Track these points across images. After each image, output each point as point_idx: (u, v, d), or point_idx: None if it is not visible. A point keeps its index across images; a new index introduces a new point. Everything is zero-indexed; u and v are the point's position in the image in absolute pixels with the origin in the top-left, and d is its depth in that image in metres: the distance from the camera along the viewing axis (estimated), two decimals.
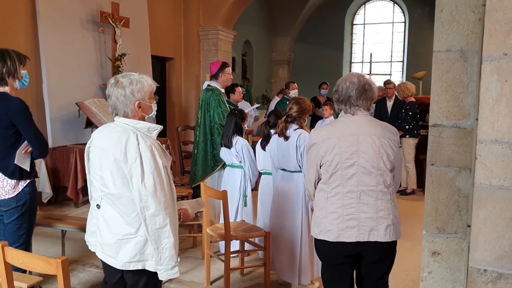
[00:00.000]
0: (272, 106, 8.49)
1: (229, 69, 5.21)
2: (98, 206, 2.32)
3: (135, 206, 2.20)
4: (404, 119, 7.08)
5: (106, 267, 2.42)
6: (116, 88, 2.24)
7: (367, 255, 2.47)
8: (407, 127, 7.06)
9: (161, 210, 2.18)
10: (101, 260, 2.41)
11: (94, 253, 2.45)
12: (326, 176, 2.47)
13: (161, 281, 2.40)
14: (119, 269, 2.35)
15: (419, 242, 2.44)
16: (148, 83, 2.30)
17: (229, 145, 4.34)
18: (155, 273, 2.32)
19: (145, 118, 2.33)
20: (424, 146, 7.36)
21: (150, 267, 2.29)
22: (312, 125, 7.48)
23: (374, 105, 6.80)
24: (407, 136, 7.10)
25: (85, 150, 2.41)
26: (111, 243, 2.27)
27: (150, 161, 2.17)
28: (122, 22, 6.90)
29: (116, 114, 2.30)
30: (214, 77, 5.18)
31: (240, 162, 4.34)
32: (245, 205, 4.35)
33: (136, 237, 2.24)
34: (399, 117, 7.10)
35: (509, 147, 1.82)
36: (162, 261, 2.23)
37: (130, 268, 2.27)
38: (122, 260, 2.26)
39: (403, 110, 7.09)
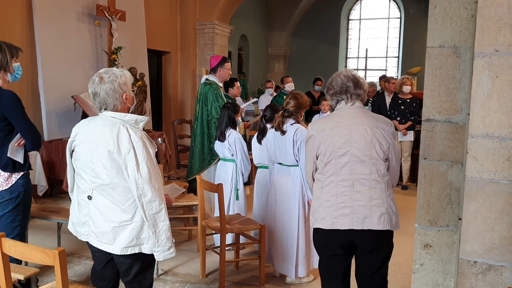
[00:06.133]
0: (261, 100, 8.49)
1: (228, 65, 5.21)
2: (89, 197, 2.39)
3: (130, 194, 2.32)
4: (414, 112, 7.23)
5: (97, 253, 2.53)
6: (103, 84, 2.36)
7: (361, 244, 2.50)
8: (412, 118, 7.23)
9: (157, 196, 2.32)
10: (91, 248, 2.51)
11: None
12: (321, 166, 2.55)
13: (153, 264, 2.56)
14: (108, 254, 2.46)
15: (412, 236, 2.47)
16: (129, 75, 2.47)
17: (222, 138, 4.35)
18: (148, 256, 2.43)
19: (130, 109, 2.45)
20: (418, 141, 7.45)
21: (146, 250, 2.40)
22: (307, 120, 7.52)
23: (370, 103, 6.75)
24: (415, 130, 7.27)
25: (68, 144, 2.47)
26: (107, 231, 2.36)
27: (143, 151, 2.30)
28: (118, 15, 6.87)
29: (105, 109, 2.39)
30: (212, 70, 5.16)
31: (232, 155, 4.34)
32: (237, 198, 4.36)
33: (132, 223, 2.36)
34: (410, 111, 7.19)
35: (500, 142, 1.86)
36: (160, 243, 2.36)
37: (128, 253, 2.38)
38: (120, 245, 2.36)
39: (414, 104, 7.24)
